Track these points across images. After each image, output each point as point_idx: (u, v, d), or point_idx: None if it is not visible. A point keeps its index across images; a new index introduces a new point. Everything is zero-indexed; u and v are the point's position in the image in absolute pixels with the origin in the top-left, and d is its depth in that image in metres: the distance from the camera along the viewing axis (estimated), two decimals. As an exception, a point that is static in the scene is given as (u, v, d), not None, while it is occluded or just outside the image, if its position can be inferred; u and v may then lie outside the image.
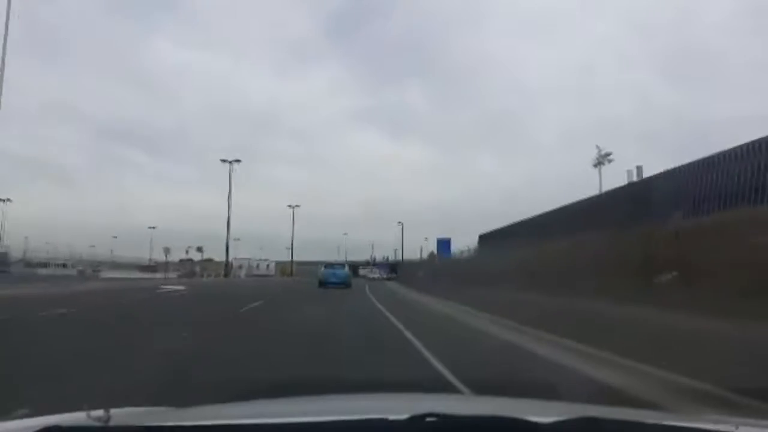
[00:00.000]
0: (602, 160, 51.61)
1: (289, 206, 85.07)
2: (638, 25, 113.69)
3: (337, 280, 33.93)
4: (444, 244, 59.84)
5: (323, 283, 33.28)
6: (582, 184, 78.37)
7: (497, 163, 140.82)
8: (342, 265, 40.34)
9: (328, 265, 38.33)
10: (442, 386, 5.63)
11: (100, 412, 1.48)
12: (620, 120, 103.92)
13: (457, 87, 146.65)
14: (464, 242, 77.63)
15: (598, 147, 52.47)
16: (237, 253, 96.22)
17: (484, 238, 47.14)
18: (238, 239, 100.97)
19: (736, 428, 1.55)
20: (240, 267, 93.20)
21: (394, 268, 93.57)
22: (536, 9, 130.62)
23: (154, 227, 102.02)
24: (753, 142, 19.08)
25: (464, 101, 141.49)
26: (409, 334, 10.28)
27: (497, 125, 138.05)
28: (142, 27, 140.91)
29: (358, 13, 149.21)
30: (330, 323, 12.63)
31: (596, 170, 51.09)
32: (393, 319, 13.77)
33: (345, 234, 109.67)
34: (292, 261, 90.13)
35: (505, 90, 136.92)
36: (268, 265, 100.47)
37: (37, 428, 1.35)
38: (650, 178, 24.73)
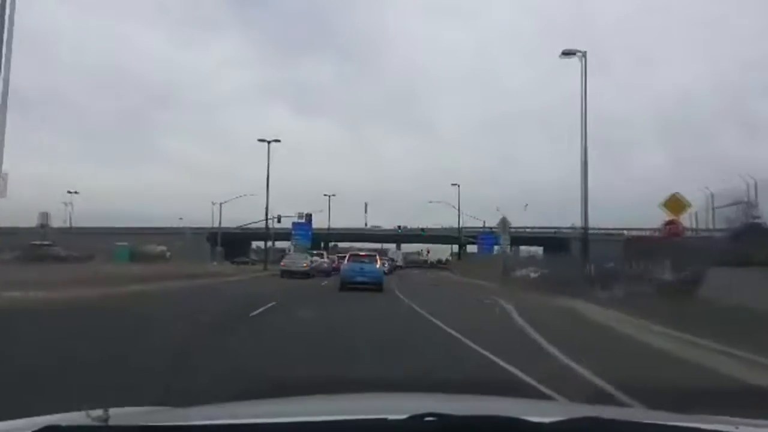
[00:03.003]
0: None
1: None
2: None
3: (366, 280, 22.85)
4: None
5: (346, 284, 22.57)
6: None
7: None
8: (372, 257, 25.70)
9: (355, 256, 25.23)
10: None
11: (99, 412, 1.48)
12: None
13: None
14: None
15: None
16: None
17: None
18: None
19: (737, 428, 1.55)
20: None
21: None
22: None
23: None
24: None
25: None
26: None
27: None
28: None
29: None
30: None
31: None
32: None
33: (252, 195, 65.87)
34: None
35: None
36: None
37: (37, 428, 1.35)
38: None
